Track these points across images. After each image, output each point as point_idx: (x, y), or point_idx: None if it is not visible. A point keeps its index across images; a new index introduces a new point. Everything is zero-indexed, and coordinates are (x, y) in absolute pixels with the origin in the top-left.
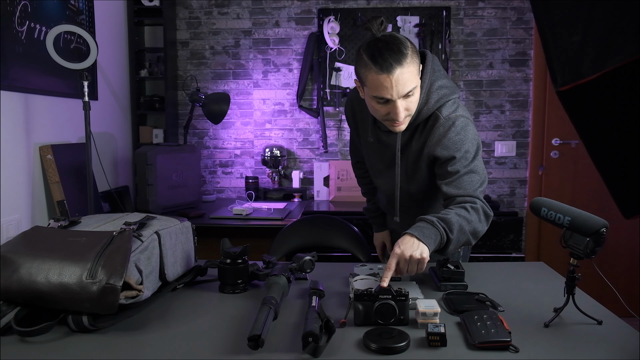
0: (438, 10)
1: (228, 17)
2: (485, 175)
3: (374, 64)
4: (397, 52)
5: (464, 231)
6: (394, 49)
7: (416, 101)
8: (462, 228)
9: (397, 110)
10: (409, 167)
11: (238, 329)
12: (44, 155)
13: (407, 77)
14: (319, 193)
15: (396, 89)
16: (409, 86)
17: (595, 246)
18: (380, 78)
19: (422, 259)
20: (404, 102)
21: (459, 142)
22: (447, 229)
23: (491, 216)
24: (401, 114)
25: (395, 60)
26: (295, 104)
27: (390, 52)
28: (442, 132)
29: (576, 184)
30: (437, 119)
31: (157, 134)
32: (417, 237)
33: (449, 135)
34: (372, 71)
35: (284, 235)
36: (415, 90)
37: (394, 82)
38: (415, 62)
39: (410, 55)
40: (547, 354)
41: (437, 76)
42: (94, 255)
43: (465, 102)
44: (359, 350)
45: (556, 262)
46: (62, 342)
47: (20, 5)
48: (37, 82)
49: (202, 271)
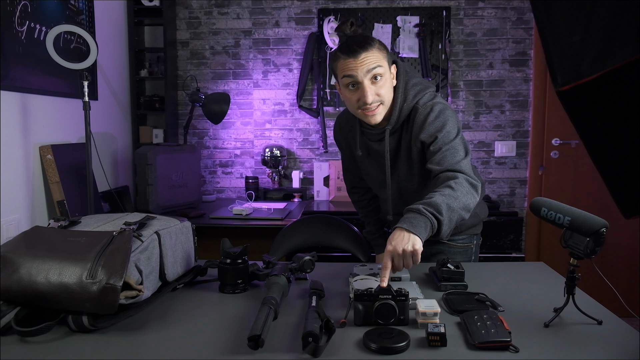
0: (438, 10)
1: (228, 17)
2: (469, 151)
3: (341, 52)
4: (362, 41)
5: (452, 209)
6: (360, 39)
7: (387, 90)
8: (450, 206)
9: (365, 92)
10: (408, 165)
11: (238, 329)
12: (44, 155)
13: (372, 59)
14: (319, 193)
15: (361, 68)
16: (373, 64)
17: (595, 246)
18: (347, 62)
19: (415, 251)
20: (372, 86)
21: (440, 123)
22: (435, 212)
23: (478, 186)
24: (369, 96)
25: (359, 45)
26: (295, 104)
27: (355, 41)
28: (422, 118)
29: (576, 184)
30: (417, 109)
31: (157, 134)
32: (406, 229)
33: (428, 119)
34: (340, 58)
35: (284, 235)
36: (385, 78)
37: (359, 62)
38: (383, 52)
39: (377, 46)
40: (547, 354)
41: (410, 75)
42: (94, 255)
43: (465, 102)
44: (359, 350)
45: (556, 262)
46: (62, 342)
47: (20, 5)
48: (37, 82)
49: (202, 271)
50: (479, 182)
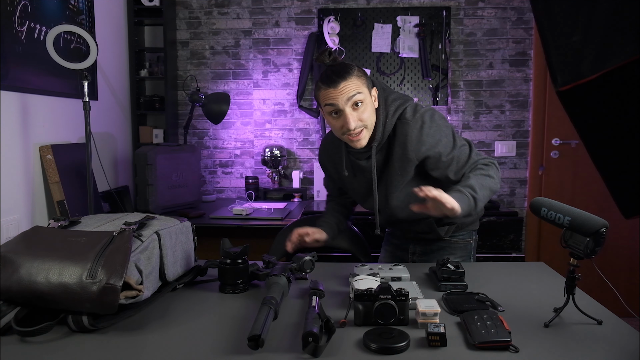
0: (438, 10)
1: (228, 17)
2: (469, 141)
3: (322, 82)
4: (341, 71)
5: (484, 186)
6: (339, 69)
7: (369, 115)
8: (483, 185)
9: (348, 119)
10: (398, 176)
11: (238, 329)
12: (44, 155)
13: (351, 87)
14: (319, 193)
15: (342, 97)
16: (353, 92)
17: (595, 246)
18: (328, 92)
19: (453, 210)
20: (354, 112)
21: (436, 131)
22: (475, 196)
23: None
24: (352, 122)
25: (338, 75)
26: (295, 104)
27: (334, 71)
28: (417, 131)
29: (576, 184)
30: (406, 123)
31: (157, 134)
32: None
33: (424, 130)
34: (322, 88)
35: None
36: (366, 103)
37: (339, 91)
38: (362, 79)
39: (356, 74)
40: (547, 354)
41: (388, 92)
42: (94, 255)
43: (465, 102)
44: (359, 350)
45: (556, 262)
46: (62, 342)
47: (20, 5)
48: (37, 82)
49: (202, 271)
50: (491, 158)
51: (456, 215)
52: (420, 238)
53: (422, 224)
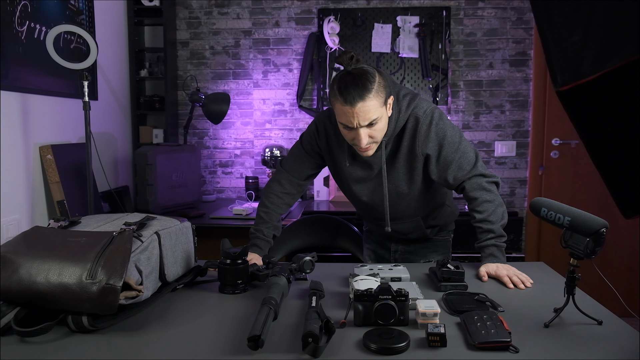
0: (438, 10)
1: (228, 17)
2: (476, 150)
3: (340, 95)
4: (361, 87)
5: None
6: (359, 84)
7: (381, 129)
8: (502, 222)
9: (360, 137)
10: (405, 170)
11: (238, 329)
12: (44, 155)
13: (369, 109)
14: (319, 193)
15: (357, 119)
16: (370, 116)
17: (595, 246)
18: (344, 109)
19: (509, 269)
20: (367, 130)
21: (441, 129)
22: (501, 236)
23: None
24: (364, 140)
25: (358, 95)
26: (295, 104)
27: (355, 87)
28: (426, 128)
29: (576, 184)
30: (418, 119)
31: (157, 134)
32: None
33: (432, 128)
34: (339, 102)
35: (284, 235)
36: (380, 120)
37: (356, 113)
38: (380, 95)
39: (376, 90)
40: (547, 354)
41: (399, 87)
42: (93, 255)
43: (465, 102)
44: (359, 351)
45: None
46: (62, 342)
47: (20, 5)
48: (37, 82)
49: (202, 271)
50: (495, 178)
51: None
52: (401, 238)
53: (410, 223)
